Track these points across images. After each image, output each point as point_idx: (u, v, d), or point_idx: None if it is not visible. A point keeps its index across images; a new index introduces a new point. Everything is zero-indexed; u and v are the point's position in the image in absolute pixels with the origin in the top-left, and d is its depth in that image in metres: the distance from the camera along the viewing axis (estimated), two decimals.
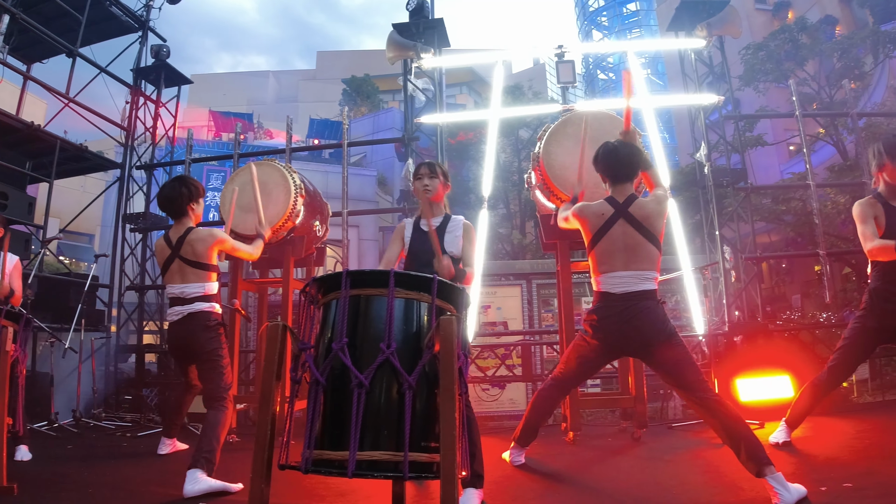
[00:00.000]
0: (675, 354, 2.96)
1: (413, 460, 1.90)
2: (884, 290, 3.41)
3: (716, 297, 7.08)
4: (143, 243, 8.54)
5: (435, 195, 3.34)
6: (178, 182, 3.74)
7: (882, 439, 3.95)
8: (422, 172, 3.38)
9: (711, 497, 2.89)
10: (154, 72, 8.79)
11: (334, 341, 1.95)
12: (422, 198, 3.36)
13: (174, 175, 9.13)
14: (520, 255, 15.76)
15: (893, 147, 3.39)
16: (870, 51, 14.71)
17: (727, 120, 7.55)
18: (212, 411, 3.41)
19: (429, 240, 3.17)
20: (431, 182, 3.34)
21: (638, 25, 48.82)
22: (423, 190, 3.34)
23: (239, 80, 41.31)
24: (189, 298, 3.61)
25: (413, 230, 3.36)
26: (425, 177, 3.35)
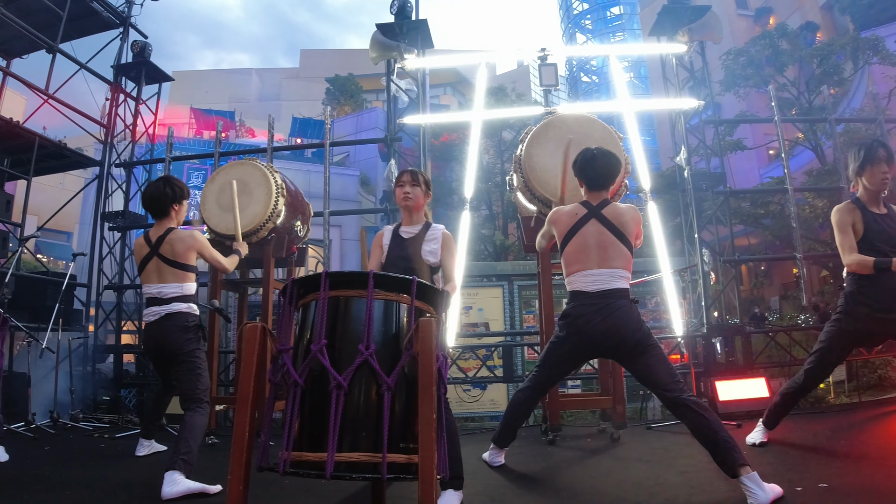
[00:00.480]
0: (650, 354, 2.99)
1: (392, 461, 1.90)
2: (859, 294, 3.46)
3: (695, 300, 7.16)
4: (121, 242, 8.44)
5: (415, 204, 3.35)
6: (163, 182, 3.73)
7: (857, 440, 4.02)
8: (404, 180, 3.38)
9: (688, 497, 2.92)
10: (135, 69, 8.70)
11: (313, 342, 1.94)
12: (402, 206, 3.37)
13: (154, 173, 9.07)
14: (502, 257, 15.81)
15: (873, 152, 3.45)
16: (849, 57, 14.93)
17: (707, 124, 7.64)
18: (189, 413, 3.39)
19: (407, 247, 3.19)
20: (413, 190, 3.35)
21: (621, 29, 49.17)
22: (404, 198, 3.34)
23: (221, 77, 40.94)
24: (166, 299, 3.58)
25: (392, 237, 3.36)
26: (407, 184, 3.36)
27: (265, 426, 2.04)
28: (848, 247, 3.41)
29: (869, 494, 2.64)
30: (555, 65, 5.90)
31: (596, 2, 51.34)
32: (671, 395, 2.89)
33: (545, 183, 4.55)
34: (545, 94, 6.18)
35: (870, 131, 11.52)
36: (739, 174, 19.50)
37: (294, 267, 5.89)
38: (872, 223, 3.42)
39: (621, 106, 6.27)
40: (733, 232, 7.57)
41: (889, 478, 2.89)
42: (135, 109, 8.83)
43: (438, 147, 17.29)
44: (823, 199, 11.73)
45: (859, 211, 3.47)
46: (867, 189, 3.51)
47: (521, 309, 7.92)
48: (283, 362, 2.01)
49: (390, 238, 3.37)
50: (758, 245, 17.61)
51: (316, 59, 40.06)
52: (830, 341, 3.61)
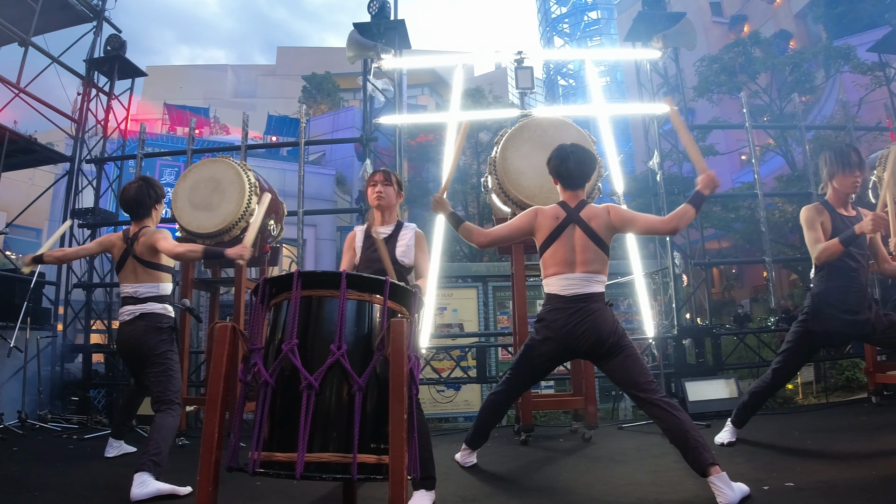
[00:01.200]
0: (623, 355, 3.02)
1: (362, 462, 1.90)
2: (826, 295, 3.54)
3: (666, 302, 7.26)
4: (91, 239, 8.28)
5: (388, 203, 3.34)
6: (144, 183, 3.71)
7: (824, 441, 4.10)
8: (376, 179, 3.38)
9: (658, 496, 2.96)
10: (108, 63, 8.55)
11: (284, 342, 1.94)
12: (374, 205, 3.36)
13: (125, 170, 8.93)
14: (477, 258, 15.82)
15: (846, 157, 3.52)
16: (822, 65, 15.24)
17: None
18: (160, 414, 3.36)
19: (379, 248, 3.18)
20: (385, 190, 3.34)
21: (599, 34, 49.67)
22: (377, 197, 3.34)
23: (196, 73, 40.37)
24: (141, 298, 3.57)
25: (364, 238, 3.35)
26: (379, 184, 3.35)
27: (235, 426, 2.03)
28: (815, 240, 3.48)
29: (833, 493, 2.70)
30: (531, 68, 5.93)
31: (574, 6, 51.80)
32: (644, 395, 2.92)
33: (519, 185, 4.59)
34: (521, 97, 6.21)
35: (839, 138, 11.77)
36: None
37: (267, 266, 5.84)
38: (840, 224, 3.50)
39: (596, 110, 6.33)
40: (704, 236, 7.68)
41: (854, 477, 2.96)
42: (107, 104, 8.68)
43: (415, 147, 17.28)
44: (793, 205, 11.97)
45: (827, 212, 3.54)
46: (836, 192, 3.59)
47: (496, 310, 7.95)
48: (254, 362, 1.99)
49: (363, 239, 3.36)
50: (729, 248, 17.91)
51: (293, 57, 39.72)
52: (797, 341, 3.68)
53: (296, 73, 31.31)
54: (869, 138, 9.73)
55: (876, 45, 9.05)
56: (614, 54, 29.91)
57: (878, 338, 3.51)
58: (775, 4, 23.80)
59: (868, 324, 3.45)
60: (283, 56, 41.85)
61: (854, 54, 13.67)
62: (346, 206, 16.60)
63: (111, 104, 8.71)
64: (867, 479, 2.89)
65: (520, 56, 5.92)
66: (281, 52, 43.13)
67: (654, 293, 7.69)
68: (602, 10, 50.11)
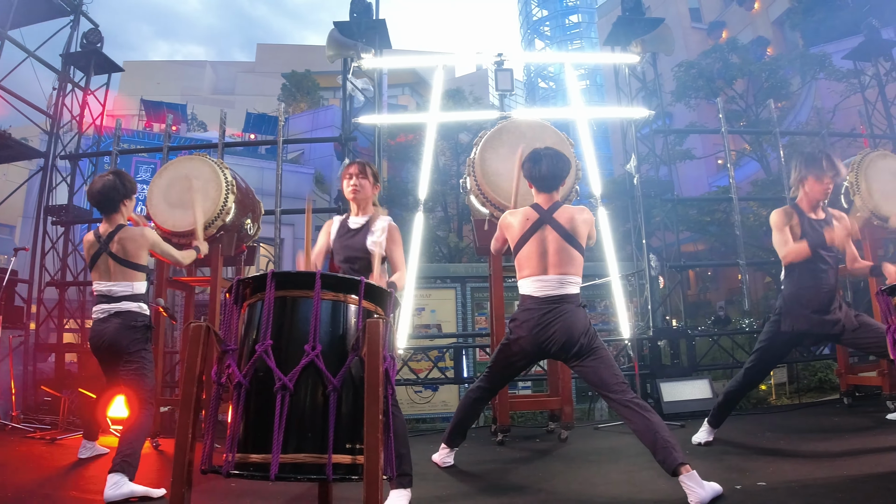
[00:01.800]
0: (595, 357, 3.06)
1: (337, 462, 1.90)
2: (796, 296, 3.61)
3: (641, 303, 7.34)
4: (65, 237, 8.15)
5: (363, 195, 3.33)
6: (113, 176, 3.62)
7: (796, 441, 4.17)
8: (351, 171, 3.36)
9: (632, 495, 3.00)
10: (84, 58, 8.41)
11: (258, 343, 1.93)
12: (350, 197, 3.35)
13: (100, 166, 8.79)
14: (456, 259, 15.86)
15: (814, 163, 3.59)
16: (797, 72, 15.47)
17: (657, 134, 7.83)
18: (134, 414, 3.34)
19: (352, 237, 3.18)
20: (360, 182, 3.33)
21: (579, 37, 50.02)
22: (352, 189, 3.32)
23: (174, 69, 39.85)
24: (116, 297, 3.52)
25: (339, 227, 3.34)
26: (355, 176, 3.34)
27: (209, 428, 2.01)
28: (783, 242, 3.55)
29: (805, 492, 2.75)
30: (510, 70, 5.97)
31: (555, 9, 52.12)
32: (615, 396, 2.96)
33: (497, 186, 4.61)
34: (500, 99, 6.24)
35: (814, 144, 12.00)
36: (689, 182, 20.06)
37: (243, 266, 5.79)
38: (809, 228, 3.57)
39: (574, 113, 6.38)
40: (680, 238, 7.78)
41: (825, 476, 3.02)
42: (82, 100, 8.54)
43: (395, 147, 17.24)
44: (767, 209, 12.14)
45: (797, 215, 3.61)
46: (807, 196, 3.66)
47: (474, 311, 7.97)
48: (228, 363, 1.98)
49: (338, 228, 3.35)
50: (704, 251, 18.13)
51: (272, 54, 39.34)
52: (769, 341, 3.75)
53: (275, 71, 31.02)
54: (843, 144, 9.92)
55: (851, 52, 9.22)
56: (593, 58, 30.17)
57: (849, 338, 3.58)
58: (753, 11, 24.15)
59: (838, 324, 3.52)
60: (262, 53, 41.44)
61: (829, 61, 13.84)
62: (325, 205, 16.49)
63: (86, 99, 8.57)
64: (838, 478, 2.95)
65: (500, 58, 5.95)
66: (261, 49, 42.70)
67: (630, 295, 7.77)
68: (583, 13, 50.50)
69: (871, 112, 8.79)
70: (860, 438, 4.06)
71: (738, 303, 17.01)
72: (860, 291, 6.57)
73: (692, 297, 20.39)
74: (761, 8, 23.65)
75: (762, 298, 14.72)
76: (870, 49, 8.72)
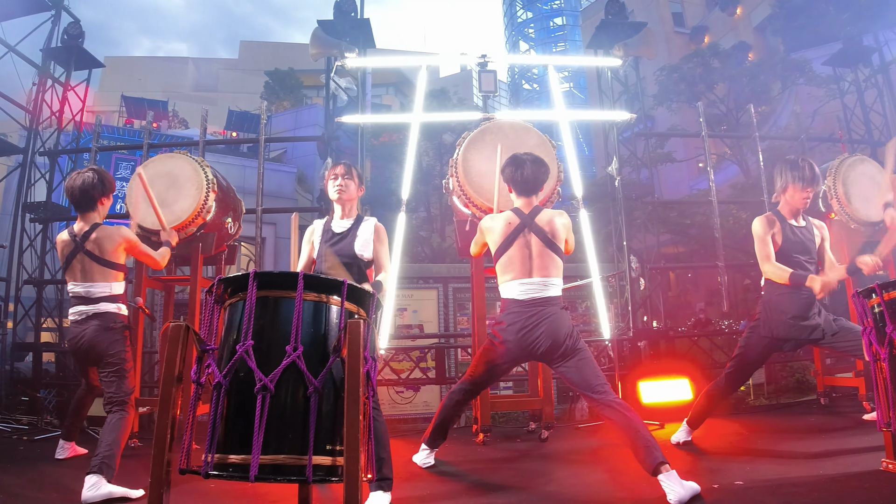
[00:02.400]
0: (578, 358, 3.09)
1: (318, 464, 1.90)
2: (775, 302, 3.67)
3: (622, 304, 7.40)
4: (43, 234, 8.02)
5: (348, 197, 3.32)
6: (93, 173, 3.54)
7: (773, 440, 4.24)
8: (337, 172, 3.35)
9: (611, 494, 3.03)
10: (64, 53, 8.29)
11: (239, 343, 1.92)
12: (334, 199, 3.34)
13: (79, 163, 8.66)
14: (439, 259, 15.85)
15: (798, 172, 3.63)
16: (778, 77, 15.65)
17: (638, 137, 7.90)
18: (112, 415, 3.30)
19: (339, 242, 3.16)
20: (346, 183, 3.32)
21: (563, 40, 50.29)
22: (338, 190, 3.31)
23: (156, 65, 39.35)
24: (94, 298, 3.46)
25: (323, 232, 3.33)
26: (340, 177, 3.33)
27: (188, 428, 2.00)
28: (765, 255, 3.60)
29: (781, 491, 2.80)
30: (494, 71, 5.99)
31: (540, 12, 52.38)
32: (597, 396, 3.00)
33: (480, 187, 4.62)
34: (484, 100, 6.25)
35: (793, 149, 12.15)
36: (671, 185, 20.25)
37: (224, 265, 5.75)
38: (790, 235, 3.63)
39: (557, 115, 6.41)
40: (660, 240, 7.85)
41: (802, 475, 3.07)
42: (62, 95, 8.41)
43: (379, 147, 17.20)
44: (747, 212, 12.31)
45: (779, 223, 3.66)
46: (788, 204, 3.71)
47: (456, 311, 7.97)
48: (208, 363, 1.97)
49: (321, 233, 3.33)
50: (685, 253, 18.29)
51: (256, 51, 39.05)
52: (749, 346, 3.81)
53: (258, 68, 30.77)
54: (822, 149, 10.05)
55: (831, 58, 9.35)
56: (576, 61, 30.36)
57: (828, 342, 3.63)
58: (735, 17, 24.41)
59: (818, 329, 3.58)
60: (245, 50, 41.10)
61: (809, 67, 14.01)
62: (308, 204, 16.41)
63: (66, 95, 8.44)
64: (815, 477, 3.01)
65: (483, 59, 5.96)
66: (244, 46, 42.35)
67: (610, 296, 7.83)
68: (567, 16, 50.78)
69: (850, 117, 8.94)
70: (837, 438, 4.13)
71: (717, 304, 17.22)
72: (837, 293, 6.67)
73: (672, 299, 20.58)
74: (743, 13, 23.91)
75: (741, 300, 14.88)
76: (849, 55, 8.86)
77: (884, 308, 2.81)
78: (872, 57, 8.81)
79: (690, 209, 14.51)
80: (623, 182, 7.44)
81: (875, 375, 2.91)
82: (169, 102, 24.06)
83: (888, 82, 8.81)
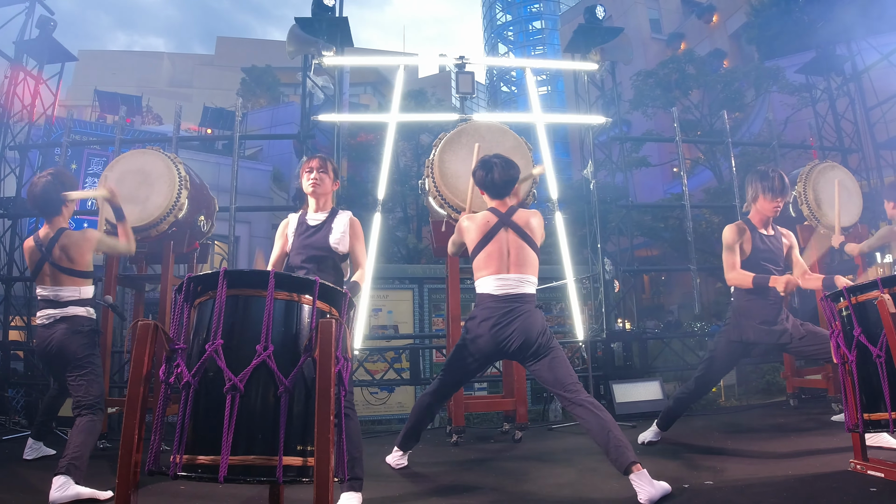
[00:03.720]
0: (550, 357, 3.11)
1: (288, 464, 1.89)
2: (744, 307, 3.73)
3: (596, 306, 7.46)
4: (12, 231, 7.83)
5: (323, 190, 3.30)
6: (51, 177, 3.46)
7: (744, 441, 4.30)
8: (312, 165, 3.31)
9: (583, 494, 3.05)
10: (37, 46, 8.11)
11: (208, 342, 1.90)
12: (309, 192, 3.31)
13: (50, 157, 8.47)
14: (415, 260, 15.82)
15: (768, 182, 3.70)
16: (752, 85, 15.90)
17: (614, 141, 7.98)
18: (81, 417, 3.25)
19: (313, 234, 3.14)
20: (321, 177, 3.29)
21: (542, 43, 50.68)
22: (312, 184, 3.28)
23: (130, 59, 38.69)
24: (62, 302, 3.41)
25: (297, 225, 3.29)
26: (315, 170, 3.30)
27: (156, 429, 1.97)
28: (730, 264, 3.67)
29: (750, 491, 2.84)
30: (472, 73, 6.00)
31: (519, 15, 52.71)
32: (569, 395, 3.02)
33: (455, 188, 4.62)
34: (461, 101, 6.26)
35: (765, 154, 12.37)
36: (645, 189, 20.49)
37: (196, 264, 5.68)
38: (759, 243, 3.70)
39: (534, 118, 6.44)
40: (634, 243, 7.93)
41: (770, 475, 3.11)
42: (34, 89, 8.23)
43: (356, 147, 17.10)
44: (719, 216, 12.51)
45: (749, 231, 3.73)
46: (758, 213, 3.78)
47: (431, 312, 7.96)
48: (177, 363, 1.94)
49: (296, 226, 3.30)
50: (658, 256, 18.52)
51: (233, 47, 38.58)
52: (718, 351, 3.88)
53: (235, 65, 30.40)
54: (793, 155, 10.24)
55: (803, 67, 9.55)
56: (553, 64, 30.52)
57: (796, 346, 3.70)
58: (712, 24, 24.79)
59: (786, 334, 3.64)
60: (222, 46, 40.56)
61: (783, 75, 14.21)
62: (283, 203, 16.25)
63: (38, 88, 8.26)
64: (783, 477, 3.05)
65: (461, 61, 5.97)
66: (220, 42, 41.80)
67: (584, 298, 7.89)
68: (546, 20, 51.16)
69: (822, 125, 9.14)
70: (805, 439, 4.19)
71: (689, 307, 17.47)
72: (806, 297, 6.81)
73: (646, 301, 20.83)
74: (719, 21, 24.30)
75: (713, 303, 15.11)
76: (822, 64, 9.05)
77: (851, 311, 2.87)
78: (845, 66, 9.01)
79: (664, 213, 14.68)
80: (598, 185, 7.50)
81: (843, 378, 2.97)
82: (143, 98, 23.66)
83: (860, 90, 9.02)
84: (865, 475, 2.91)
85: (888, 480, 2.77)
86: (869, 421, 2.80)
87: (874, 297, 2.66)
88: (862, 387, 2.82)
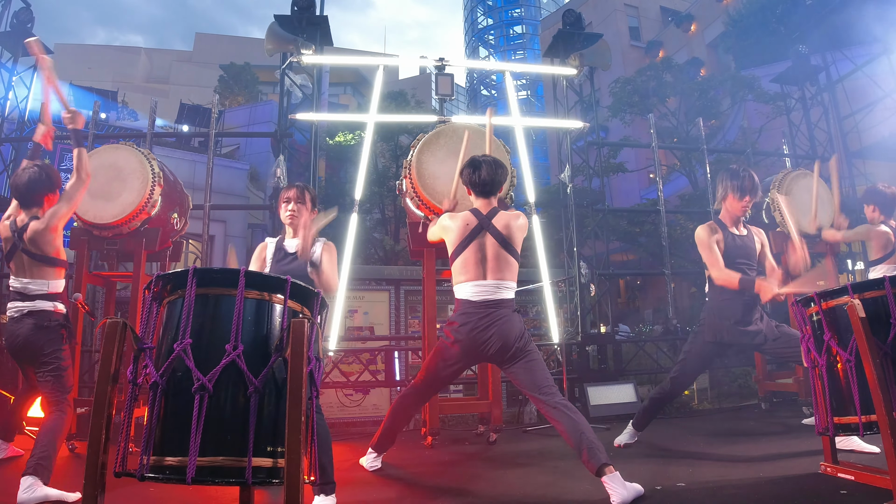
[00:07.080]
0: (527, 360, 3.14)
1: (258, 465, 1.86)
2: (718, 308, 3.78)
3: (571, 309, 7.50)
4: None
5: (301, 223, 3.30)
6: (38, 169, 3.49)
7: (715, 444, 4.36)
8: (289, 195, 3.35)
9: (557, 495, 3.06)
10: (13, 38, 7.93)
11: (177, 341, 1.87)
12: (286, 223, 3.33)
13: (22, 152, 8.29)
14: (392, 261, 15.73)
15: (737, 181, 3.77)
16: (728, 93, 16.12)
17: (591, 146, 8.04)
18: (50, 416, 3.21)
19: (291, 262, 3.15)
20: (298, 208, 3.31)
21: (522, 48, 50.97)
22: (289, 216, 3.31)
23: (107, 54, 37.98)
24: (31, 295, 3.38)
25: (275, 250, 3.31)
26: (293, 201, 3.32)
27: (124, 429, 1.94)
28: (713, 261, 3.72)
29: (721, 493, 2.88)
30: (451, 75, 6.00)
31: (500, 20, 52.95)
32: (544, 397, 3.05)
33: (433, 190, 4.62)
34: (440, 103, 6.26)
35: (739, 162, 12.54)
36: (622, 194, 20.67)
37: (169, 262, 5.59)
38: (731, 242, 3.76)
39: (512, 121, 6.46)
40: (610, 248, 8.00)
41: (742, 477, 3.17)
42: (8, 82, 8.06)
43: (334, 147, 17.00)
44: (693, 222, 12.65)
45: (720, 231, 3.79)
46: (729, 212, 3.84)
47: (407, 314, 7.93)
48: (146, 362, 1.91)
49: (273, 251, 3.31)
50: (634, 261, 18.69)
51: (211, 44, 38.07)
52: (693, 352, 3.92)
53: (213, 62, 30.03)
54: (767, 163, 10.39)
55: (778, 76, 9.73)
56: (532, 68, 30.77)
57: (769, 347, 3.76)
58: (690, 33, 25.11)
59: (759, 334, 3.70)
60: (200, 43, 39.99)
61: (758, 84, 14.42)
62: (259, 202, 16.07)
63: (12, 82, 8.10)
64: (754, 479, 3.10)
65: (441, 63, 5.97)
66: (199, 38, 41.21)
67: (560, 301, 7.93)
68: (527, 24, 51.45)
69: (795, 133, 9.31)
70: (777, 442, 4.28)
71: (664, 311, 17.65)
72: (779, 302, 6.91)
73: (622, 305, 21.00)
74: (697, 30, 24.63)
75: (687, 307, 15.28)
76: (797, 74, 9.22)
77: (822, 316, 2.91)
78: (819, 76, 9.18)
79: (640, 218, 14.83)
80: (575, 190, 7.56)
81: (813, 381, 3.01)
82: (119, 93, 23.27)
83: (833, 100, 9.20)
84: (836, 478, 2.96)
85: (858, 483, 2.81)
86: (839, 424, 2.84)
87: (844, 302, 2.71)
88: (832, 391, 2.87)
